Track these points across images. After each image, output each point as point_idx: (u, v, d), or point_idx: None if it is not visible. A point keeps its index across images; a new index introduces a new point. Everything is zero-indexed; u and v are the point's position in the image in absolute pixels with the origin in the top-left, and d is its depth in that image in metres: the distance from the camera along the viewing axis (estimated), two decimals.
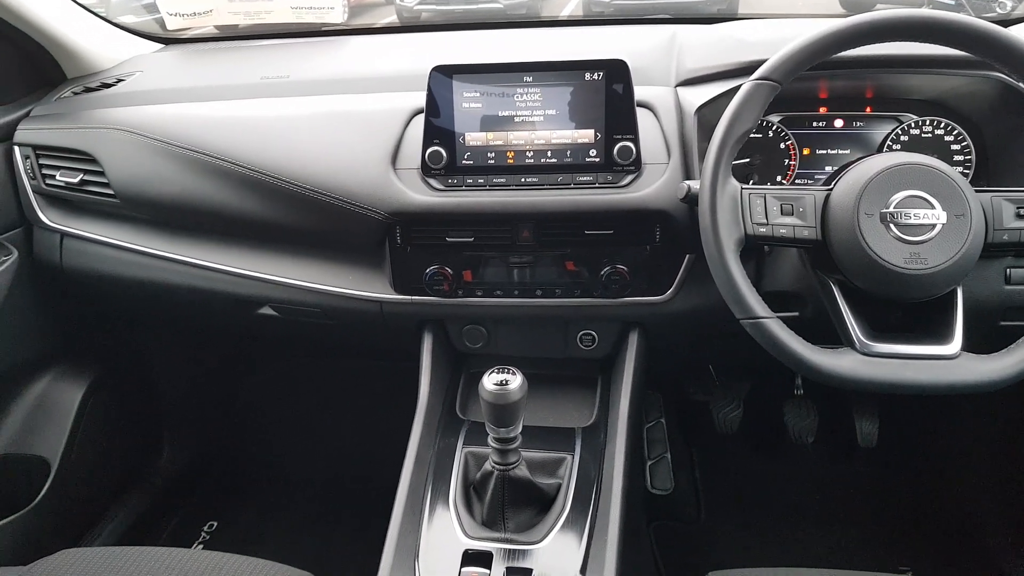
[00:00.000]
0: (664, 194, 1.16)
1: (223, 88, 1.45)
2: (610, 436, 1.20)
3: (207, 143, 1.30)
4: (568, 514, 1.07)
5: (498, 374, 0.96)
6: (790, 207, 1.00)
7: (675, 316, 1.24)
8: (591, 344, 1.32)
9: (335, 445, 2.12)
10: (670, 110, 1.22)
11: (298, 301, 1.33)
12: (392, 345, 1.40)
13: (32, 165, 1.45)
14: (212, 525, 1.88)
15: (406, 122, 1.25)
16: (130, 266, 1.42)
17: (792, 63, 0.99)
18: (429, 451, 1.20)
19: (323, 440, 2.15)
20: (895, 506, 1.85)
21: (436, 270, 1.23)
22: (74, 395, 1.64)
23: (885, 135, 1.27)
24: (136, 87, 1.51)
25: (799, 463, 1.98)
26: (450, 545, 1.03)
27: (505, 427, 0.98)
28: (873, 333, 0.97)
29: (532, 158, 1.19)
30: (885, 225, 0.95)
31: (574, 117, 1.17)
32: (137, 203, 1.37)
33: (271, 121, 1.33)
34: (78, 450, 1.62)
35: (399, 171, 1.22)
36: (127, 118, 1.38)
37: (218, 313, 1.48)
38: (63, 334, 1.64)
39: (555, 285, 1.24)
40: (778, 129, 1.28)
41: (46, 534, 1.56)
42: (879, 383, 0.94)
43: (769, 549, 1.77)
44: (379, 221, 1.21)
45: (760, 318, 0.96)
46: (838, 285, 1.00)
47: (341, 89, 1.38)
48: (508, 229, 1.21)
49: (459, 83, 1.17)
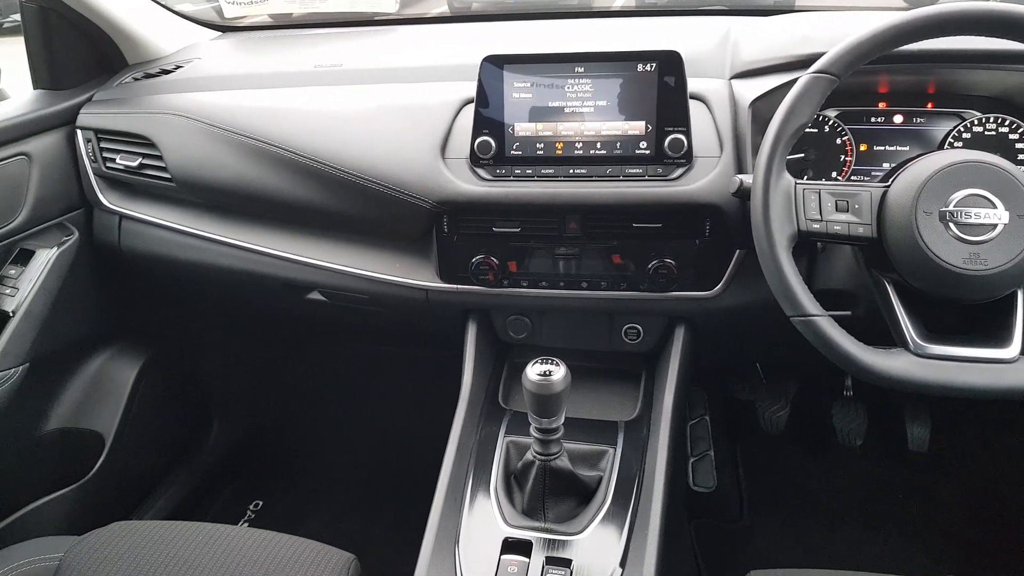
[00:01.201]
0: (715, 188, 1.14)
1: (278, 76, 1.48)
2: (653, 431, 1.19)
3: (262, 130, 1.32)
4: (609, 507, 1.06)
5: (542, 364, 0.96)
6: (845, 203, 0.98)
7: (723, 312, 1.22)
8: (636, 338, 1.31)
9: (378, 430, 2.15)
10: (724, 103, 1.20)
11: (346, 287, 1.35)
12: (437, 333, 1.41)
13: (93, 148, 1.50)
14: (257, 504, 1.93)
15: (456, 112, 1.26)
16: (185, 248, 1.45)
17: (852, 56, 0.96)
18: (471, 439, 1.20)
19: (366, 425, 2.18)
20: (943, 513, 1.81)
21: (482, 260, 1.23)
22: (128, 373, 1.68)
23: (946, 132, 1.23)
24: (194, 74, 1.55)
25: (846, 465, 1.94)
26: (490, 532, 1.04)
27: (547, 417, 0.99)
28: (928, 334, 0.95)
29: (581, 149, 1.18)
30: (944, 224, 0.92)
31: (625, 109, 1.16)
32: (193, 187, 1.40)
33: (324, 109, 1.35)
34: (131, 426, 1.67)
35: (448, 160, 1.22)
36: (185, 104, 1.42)
37: (268, 297, 1.50)
38: (119, 314, 1.68)
39: (601, 278, 1.23)
40: (835, 124, 1.25)
41: (100, 506, 1.61)
42: (933, 385, 0.91)
43: (811, 551, 1.74)
44: (427, 210, 1.22)
45: (811, 316, 0.94)
46: (893, 284, 0.98)
47: (393, 78, 1.40)
48: (555, 220, 1.21)
49: (510, 73, 1.17)
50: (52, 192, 1.49)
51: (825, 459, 1.96)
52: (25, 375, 1.40)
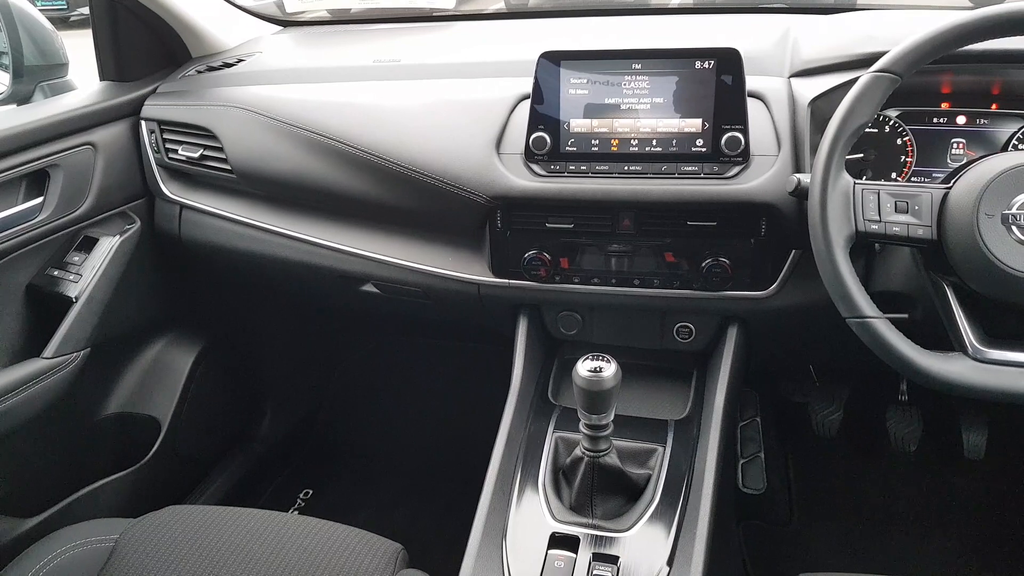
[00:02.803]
0: (772, 187, 1.13)
1: (337, 70, 1.50)
2: (703, 431, 1.18)
3: (321, 124, 1.34)
4: (657, 505, 1.06)
5: (592, 361, 0.96)
6: (905, 205, 0.96)
7: (777, 312, 1.21)
8: (688, 337, 1.30)
9: (428, 423, 2.17)
10: (782, 101, 1.19)
11: (400, 280, 1.36)
12: (488, 328, 1.42)
13: (156, 139, 1.54)
14: (308, 493, 1.96)
15: (512, 108, 1.27)
16: (243, 239, 1.48)
17: (914, 56, 0.95)
18: (520, 434, 1.21)
19: (416, 418, 2.19)
20: (1000, 521, 1.76)
21: (534, 255, 1.24)
22: (185, 360, 1.72)
23: (1011, 134, 1.20)
24: (255, 67, 1.58)
25: (898, 471, 1.90)
26: (538, 527, 1.04)
27: (597, 414, 0.98)
28: (987, 339, 0.93)
29: (636, 146, 1.18)
30: (1006, 227, 0.90)
31: (681, 106, 1.16)
32: (252, 179, 1.43)
33: (381, 104, 1.36)
34: (187, 412, 1.71)
35: (503, 156, 1.23)
36: (246, 97, 1.45)
37: (323, 288, 1.52)
38: (178, 302, 1.72)
39: (653, 275, 1.22)
40: (895, 124, 1.23)
41: (155, 490, 1.65)
42: (992, 391, 0.90)
43: (861, 556, 1.71)
44: (481, 204, 1.23)
45: (868, 318, 0.93)
46: (952, 287, 0.96)
47: (450, 74, 1.41)
48: (608, 217, 1.21)
49: (566, 70, 1.17)
50: (116, 181, 1.53)
51: (877, 464, 1.92)
52: (86, 360, 1.44)
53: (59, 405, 1.40)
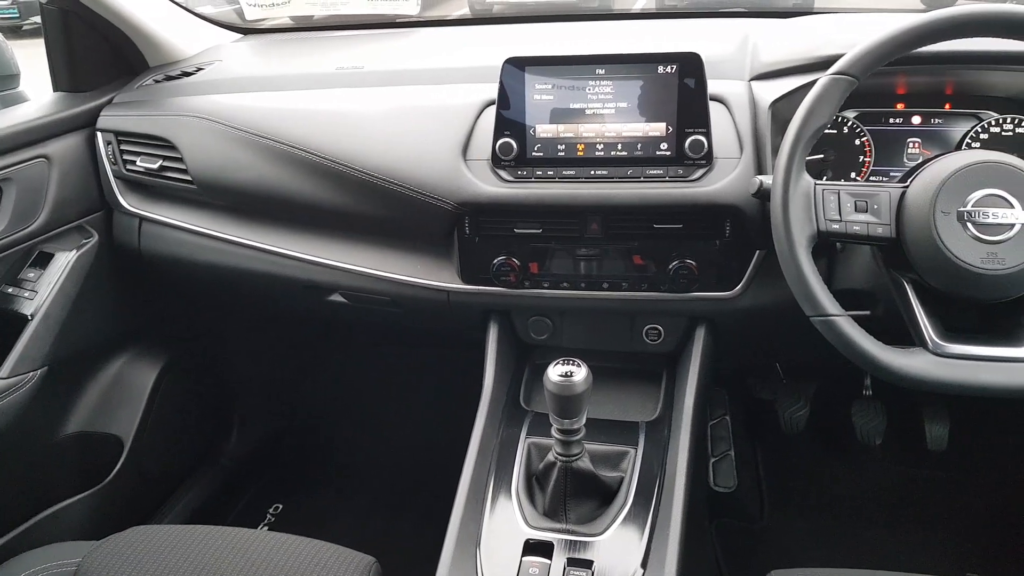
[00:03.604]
0: (736, 189, 1.14)
1: (299, 78, 1.49)
2: (674, 432, 1.19)
3: (283, 132, 1.33)
4: (630, 508, 1.06)
5: (563, 365, 0.96)
6: (864, 204, 0.98)
7: (743, 312, 1.22)
8: (657, 338, 1.31)
9: (400, 433, 2.15)
10: (743, 104, 1.20)
11: (367, 289, 1.35)
12: (458, 334, 1.41)
13: (113, 151, 1.50)
14: (277, 507, 1.93)
15: (477, 114, 1.26)
16: (205, 251, 1.45)
17: (870, 58, 0.97)
18: (492, 441, 1.20)
19: (388, 428, 2.18)
20: (963, 512, 1.80)
21: (503, 261, 1.24)
22: (148, 376, 1.68)
23: (964, 133, 1.23)
24: (215, 76, 1.56)
25: (865, 465, 1.94)
26: (512, 534, 1.04)
27: (569, 418, 0.98)
28: (947, 333, 0.95)
29: (602, 151, 1.18)
30: (962, 224, 0.92)
31: (646, 110, 1.16)
32: (214, 189, 1.41)
33: (345, 111, 1.35)
34: (150, 430, 1.67)
35: (470, 162, 1.23)
36: (206, 106, 1.42)
37: (289, 299, 1.51)
38: (139, 316, 1.68)
39: (622, 278, 1.23)
40: (853, 125, 1.26)
41: (118, 510, 1.61)
42: (952, 384, 0.92)
43: (832, 550, 1.74)
44: (449, 211, 1.22)
45: (831, 316, 0.95)
46: (912, 284, 0.98)
47: (414, 80, 1.40)
48: (576, 221, 1.21)
49: (531, 75, 1.18)
50: (71, 195, 1.49)
51: (844, 458, 1.96)
52: (43, 379, 1.40)
53: (16, 426, 1.36)
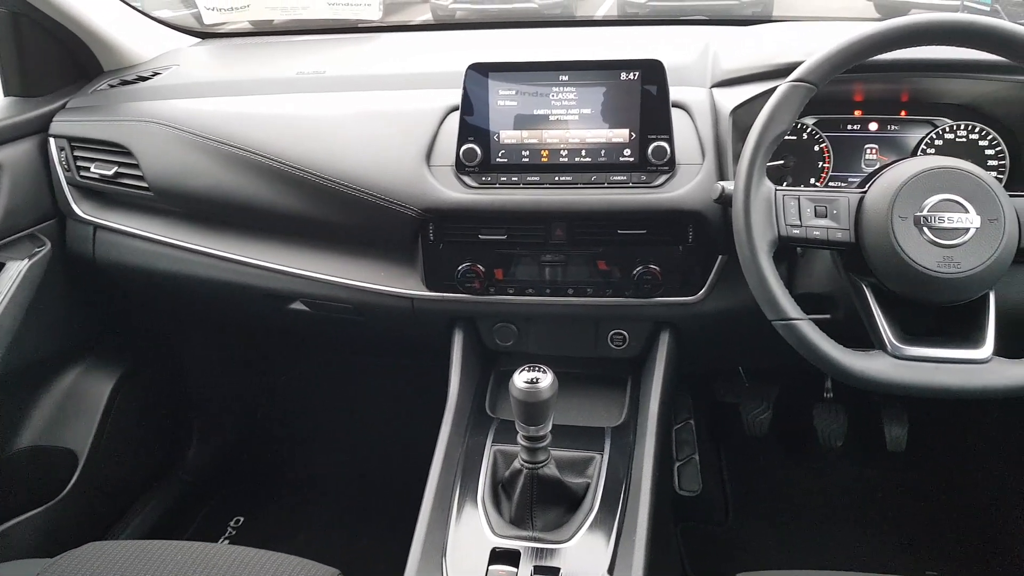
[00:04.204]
0: (698, 195, 1.15)
1: (259, 83, 1.47)
2: (639, 436, 1.19)
3: (242, 137, 1.30)
4: (596, 514, 1.06)
5: (528, 372, 0.96)
6: (824, 209, 1.00)
7: (707, 317, 1.23)
8: (622, 344, 1.31)
9: (364, 442, 2.13)
10: (705, 111, 1.22)
11: (330, 297, 1.33)
12: (423, 342, 1.40)
13: (67, 157, 1.47)
14: (238, 520, 1.89)
15: (441, 119, 1.26)
16: (162, 259, 1.43)
17: (829, 65, 0.98)
18: (458, 449, 1.19)
19: (352, 437, 2.15)
20: (924, 510, 1.84)
21: (468, 267, 1.23)
22: (103, 387, 1.65)
23: (920, 139, 1.26)
24: (172, 81, 1.53)
25: (827, 466, 1.97)
26: (478, 543, 1.03)
27: (535, 425, 0.98)
28: (905, 336, 0.97)
29: (566, 157, 1.19)
30: (919, 228, 0.94)
31: (609, 116, 1.17)
32: (171, 196, 1.38)
33: (306, 117, 1.34)
34: (106, 443, 1.63)
35: (433, 168, 1.22)
36: (163, 111, 1.40)
37: (249, 307, 1.48)
38: (94, 326, 1.65)
39: (587, 284, 1.23)
40: (813, 131, 1.28)
41: (73, 526, 1.57)
42: (910, 387, 0.93)
43: (796, 552, 1.75)
44: (412, 217, 1.22)
45: (792, 320, 0.96)
46: (871, 288, 1.00)
47: (376, 86, 1.39)
48: (541, 227, 1.21)
49: (495, 81, 1.17)
50: (23, 202, 1.45)
51: (807, 460, 1.99)
52: None
53: None
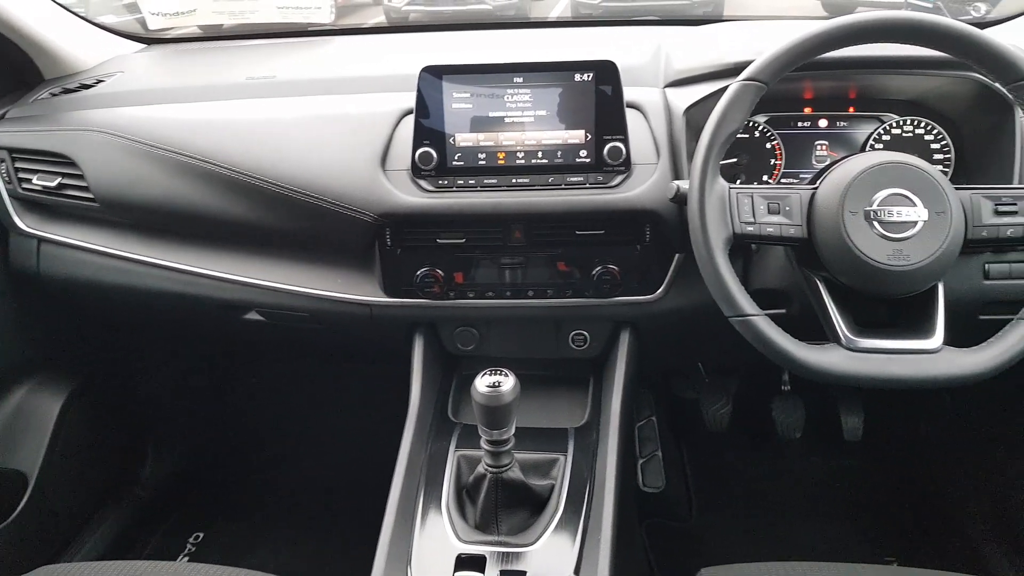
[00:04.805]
0: (654, 194, 1.16)
1: (207, 89, 1.43)
2: (602, 436, 1.20)
3: (191, 145, 1.28)
4: (561, 515, 1.06)
5: (490, 376, 0.95)
6: (776, 206, 1.02)
7: (665, 315, 1.24)
8: (583, 344, 1.32)
9: (326, 451, 2.10)
10: (659, 111, 1.23)
11: (285, 305, 1.31)
12: (383, 349, 1.39)
13: (7, 169, 1.42)
14: (198, 536, 1.85)
15: (395, 123, 1.25)
16: (111, 272, 1.39)
17: (778, 64, 1.00)
18: (421, 455, 1.19)
19: (313, 446, 2.12)
20: (880, 498, 1.88)
21: (427, 272, 1.22)
22: (53, 405, 1.59)
23: (868, 134, 1.29)
24: (117, 88, 1.49)
25: (787, 458, 2.01)
26: (443, 550, 1.02)
27: (498, 429, 0.98)
28: (858, 329, 0.99)
29: (523, 159, 1.18)
30: (869, 223, 0.96)
31: (564, 118, 1.17)
32: (118, 207, 1.34)
33: (257, 122, 1.31)
34: (58, 462, 1.58)
35: (389, 172, 1.21)
36: (108, 120, 1.36)
37: (203, 319, 1.45)
38: (41, 343, 1.60)
39: (547, 286, 1.24)
40: (764, 129, 1.30)
41: (23, 551, 1.51)
42: (864, 378, 0.95)
43: (759, 544, 1.78)
44: (368, 223, 1.20)
45: (748, 315, 0.97)
46: (824, 282, 1.02)
47: (329, 90, 1.37)
48: (499, 230, 1.21)
49: (449, 84, 1.17)
50: None
51: (767, 453, 2.02)
52: None
53: None
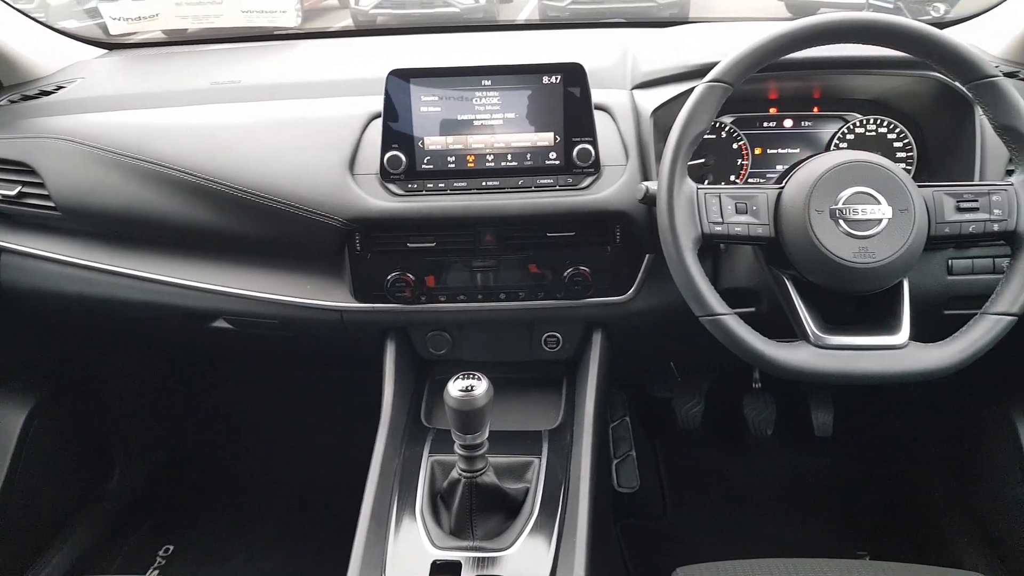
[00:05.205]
0: (623, 195, 1.17)
1: (171, 94, 1.41)
2: (576, 437, 1.20)
3: (155, 151, 1.25)
4: (536, 518, 1.06)
5: (463, 380, 0.95)
6: (744, 206, 1.02)
7: (637, 315, 1.25)
8: (556, 346, 1.32)
9: (297, 459, 2.07)
10: (627, 113, 1.23)
11: (254, 313, 1.30)
12: (354, 355, 1.37)
13: None
14: (168, 549, 1.80)
15: (363, 127, 1.24)
16: (74, 282, 1.36)
17: (743, 65, 1.01)
18: (394, 461, 1.18)
19: (285, 454, 2.09)
20: (851, 492, 1.90)
21: (398, 276, 1.22)
22: (15, 419, 1.56)
23: (832, 134, 1.31)
24: (78, 94, 1.46)
25: (759, 455, 2.02)
26: (418, 556, 1.02)
27: (471, 433, 0.97)
28: (826, 326, 1.00)
29: (492, 161, 1.18)
30: (834, 221, 0.97)
31: (533, 120, 1.17)
32: (81, 216, 1.32)
33: (222, 127, 1.29)
34: (21, 477, 1.54)
35: (357, 177, 1.20)
36: (68, 127, 1.33)
37: (169, 328, 1.43)
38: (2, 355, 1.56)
39: (518, 288, 1.24)
40: (731, 130, 1.31)
41: None
42: (833, 374, 0.96)
43: (734, 541, 1.79)
44: (338, 228, 1.19)
45: (718, 315, 0.98)
46: (791, 280, 1.03)
47: (295, 94, 1.36)
48: (470, 233, 1.21)
49: (416, 87, 1.16)
50: None
51: (739, 450, 2.04)
52: None
53: None
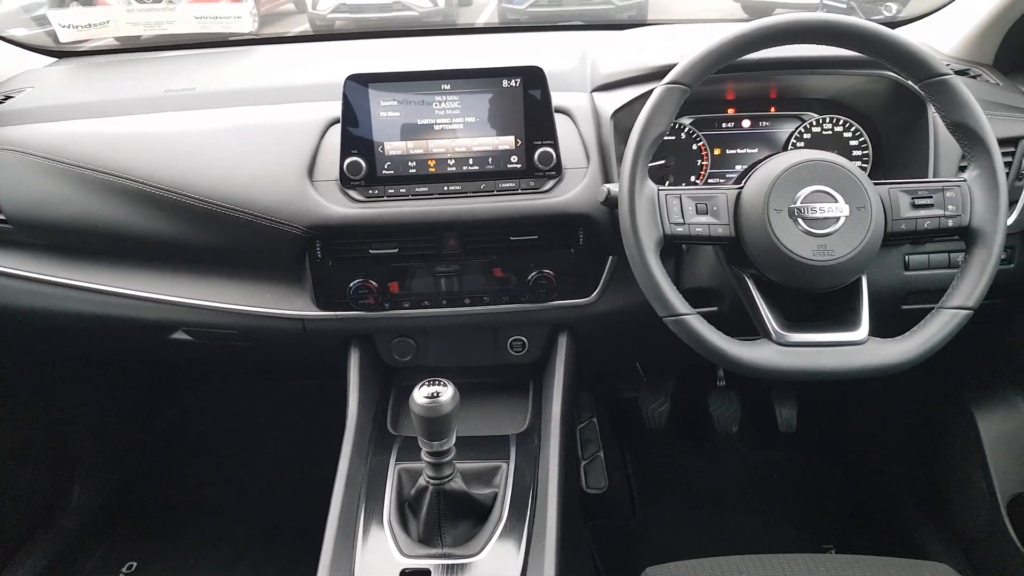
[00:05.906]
0: (585, 198, 1.17)
1: (124, 102, 1.38)
2: (544, 440, 1.20)
3: (108, 161, 1.22)
4: (505, 523, 1.06)
5: (429, 387, 0.94)
6: (704, 206, 1.03)
7: (601, 317, 1.25)
8: (521, 349, 1.32)
9: (262, 470, 2.04)
10: (587, 115, 1.24)
11: (213, 323, 1.27)
12: (317, 363, 1.36)
13: None
14: (132, 565, 1.77)
15: (322, 133, 1.22)
16: (26, 295, 1.32)
17: (701, 67, 1.01)
18: (361, 470, 1.16)
19: (250, 466, 2.06)
20: (816, 487, 1.93)
21: (360, 283, 1.20)
22: None
23: (789, 133, 1.33)
24: (26, 104, 1.42)
25: (725, 452, 2.04)
26: (386, 565, 1.01)
27: (438, 440, 0.97)
28: (787, 324, 1.01)
29: (454, 166, 1.18)
30: (793, 220, 0.98)
31: (494, 124, 1.17)
32: (31, 228, 1.28)
33: (177, 135, 1.27)
34: None
35: (316, 183, 1.18)
36: (17, 137, 1.29)
37: (127, 341, 1.40)
38: None
39: (483, 292, 1.23)
40: (690, 131, 1.32)
41: None
42: (795, 371, 0.98)
43: (702, 538, 1.81)
44: (298, 236, 1.18)
45: (681, 315, 0.99)
46: (752, 279, 1.04)
47: (252, 100, 1.34)
48: (433, 238, 1.20)
49: (376, 92, 1.15)
50: None
51: (706, 448, 2.06)
52: None
53: None
